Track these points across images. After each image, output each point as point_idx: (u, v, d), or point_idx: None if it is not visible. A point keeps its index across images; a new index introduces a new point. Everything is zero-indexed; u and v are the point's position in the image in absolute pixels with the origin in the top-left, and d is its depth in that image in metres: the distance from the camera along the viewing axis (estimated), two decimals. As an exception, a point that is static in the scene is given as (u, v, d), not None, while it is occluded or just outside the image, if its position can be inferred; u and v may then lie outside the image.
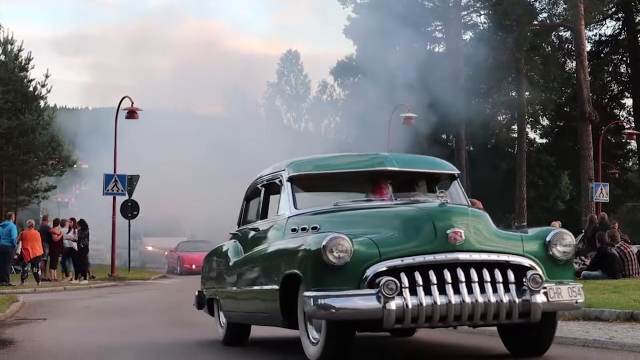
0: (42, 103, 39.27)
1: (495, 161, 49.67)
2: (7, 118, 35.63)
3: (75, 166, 44.47)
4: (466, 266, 6.85)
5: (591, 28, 46.10)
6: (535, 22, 43.78)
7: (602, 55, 48.51)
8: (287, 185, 8.42)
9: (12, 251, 24.53)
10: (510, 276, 6.90)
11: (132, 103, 29.84)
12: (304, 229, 7.86)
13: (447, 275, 6.77)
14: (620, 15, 47.52)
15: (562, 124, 50.47)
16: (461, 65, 43.58)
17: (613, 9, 46.37)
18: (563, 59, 48.04)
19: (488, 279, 6.83)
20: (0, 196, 37.86)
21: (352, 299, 6.74)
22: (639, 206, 42.57)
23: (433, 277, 6.75)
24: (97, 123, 40.46)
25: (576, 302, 7.23)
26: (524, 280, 6.88)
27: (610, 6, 45.00)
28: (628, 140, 45.96)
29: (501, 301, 6.80)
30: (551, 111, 48.75)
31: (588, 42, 44.97)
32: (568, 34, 45.36)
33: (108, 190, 29.63)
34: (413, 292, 6.71)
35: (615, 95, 50.02)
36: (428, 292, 6.72)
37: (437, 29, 48.13)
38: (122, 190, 29.76)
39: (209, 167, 40.44)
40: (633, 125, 44.69)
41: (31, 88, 38.13)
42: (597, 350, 8.25)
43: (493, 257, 6.96)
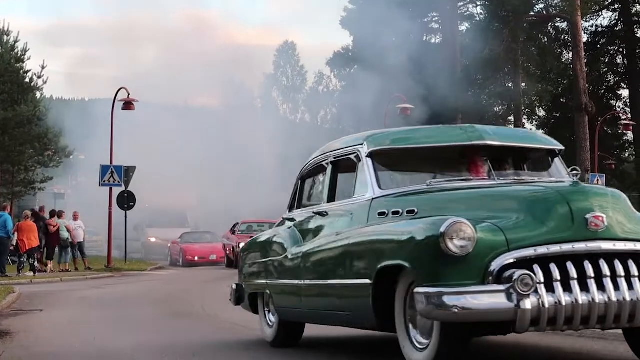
0: (38, 94, 39.29)
1: (491, 152, 49.60)
2: (3, 109, 35.66)
3: (71, 157, 44.44)
4: (609, 257, 5.75)
5: (588, 19, 46.05)
6: (531, 13, 43.72)
7: (599, 46, 48.46)
8: (368, 161, 7.20)
9: (8, 242, 24.58)
10: None
11: (129, 94, 29.80)
12: (396, 213, 6.65)
13: (589, 268, 5.67)
14: (616, 6, 47.43)
15: (559, 115, 50.42)
16: (457, 56, 43.50)
17: (609, 0, 46.34)
18: (559, 50, 47.98)
19: (636, 273, 5.73)
20: (-4, 187, 37.92)
21: (478, 297, 5.57)
22: (636, 197, 42.60)
23: (573, 271, 5.65)
24: (96, 114, 40.33)
25: None
26: None
27: (606, -3, 45.04)
28: (624, 131, 45.88)
29: None
30: (547, 102, 48.66)
31: (584, 33, 44.92)
32: (564, 25, 45.30)
33: (105, 181, 29.63)
34: (549, 289, 5.60)
35: (611, 86, 49.96)
36: (567, 289, 5.62)
37: (434, 20, 48.08)
38: (119, 181, 29.74)
39: (207, 159, 40.45)
40: (629, 116, 44.75)
41: (27, 79, 38.11)
42: None
43: None
